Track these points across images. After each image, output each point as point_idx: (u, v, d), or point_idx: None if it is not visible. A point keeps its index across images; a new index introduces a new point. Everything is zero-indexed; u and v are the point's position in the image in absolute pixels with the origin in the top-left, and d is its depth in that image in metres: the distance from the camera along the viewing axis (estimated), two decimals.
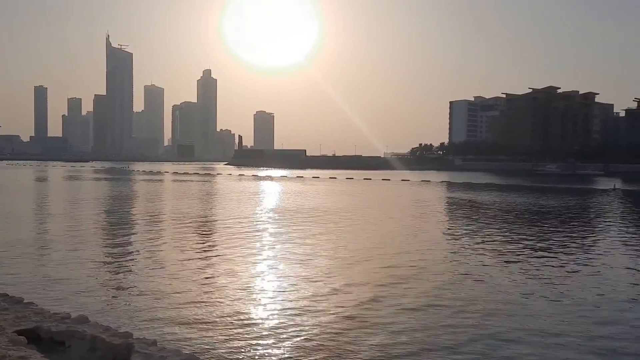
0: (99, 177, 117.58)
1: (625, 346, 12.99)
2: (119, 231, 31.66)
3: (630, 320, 15.04)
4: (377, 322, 14.34)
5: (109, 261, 22.38)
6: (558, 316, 15.17)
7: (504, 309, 15.82)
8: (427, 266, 21.78)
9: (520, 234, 31.78)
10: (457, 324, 14.33)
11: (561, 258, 24.10)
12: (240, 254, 23.89)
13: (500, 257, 24.04)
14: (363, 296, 16.90)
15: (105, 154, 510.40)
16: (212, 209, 45.67)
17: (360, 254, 24.44)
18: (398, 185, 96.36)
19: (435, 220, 40.30)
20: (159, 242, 27.13)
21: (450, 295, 17.23)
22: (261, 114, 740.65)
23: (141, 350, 10.40)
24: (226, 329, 13.72)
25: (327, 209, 45.82)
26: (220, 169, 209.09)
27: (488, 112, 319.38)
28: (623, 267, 22.46)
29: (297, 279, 19.33)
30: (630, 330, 14.19)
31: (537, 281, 19.45)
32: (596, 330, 14.07)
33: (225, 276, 19.54)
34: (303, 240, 28.10)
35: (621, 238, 31.34)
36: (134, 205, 50.47)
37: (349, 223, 36.44)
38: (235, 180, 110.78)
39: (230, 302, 16.17)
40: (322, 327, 13.92)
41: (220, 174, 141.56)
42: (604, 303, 16.67)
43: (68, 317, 12.53)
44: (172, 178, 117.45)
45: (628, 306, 16.45)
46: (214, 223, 36.02)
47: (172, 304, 15.74)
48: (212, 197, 61.64)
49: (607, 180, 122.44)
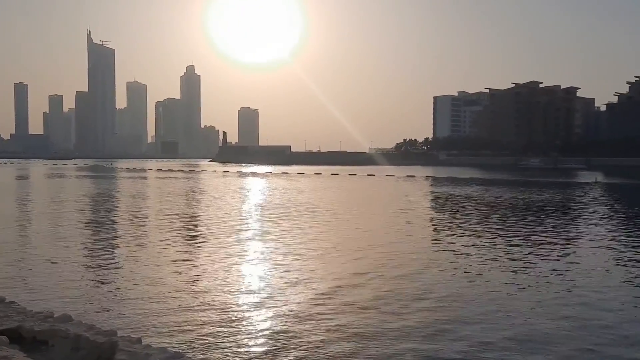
0: (81, 175, 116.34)
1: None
2: (103, 230, 31.37)
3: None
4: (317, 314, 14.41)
5: (92, 260, 22.18)
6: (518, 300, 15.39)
7: (459, 297, 16.05)
8: (396, 258, 21.92)
9: (500, 226, 32.09)
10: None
11: (539, 248, 24.40)
12: (225, 252, 23.81)
13: (474, 248, 24.25)
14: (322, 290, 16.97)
15: (88, 151, 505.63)
16: (196, 207, 45.48)
17: (338, 247, 24.51)
18: (383, 180, 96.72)
19: (417, 214, 40.53)
20: (143, 241, 26.95)
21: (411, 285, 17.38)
22: (245, 110, 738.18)
23: (125, 348, 10.31)
24: (211, 326, 13.68)
25: (312, 205, 45.88)
26: (205, 165, 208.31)
27: (472, 107, 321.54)
28: (600, 256, 22.79)
29: (283, 273, 19.34)
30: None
31: (507, 271, 19.68)
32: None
33: (210, 274, 19.48)
34: (284, 237, 28.10)
35: (602, 229, 31.78)
36: (117, 203, 50.05)
37: (329, 218, 36.51)
38: (219, 177, 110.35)
39: (214, 299, 16.11)
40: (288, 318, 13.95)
41: (205, 171, 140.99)
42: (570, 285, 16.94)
43: (51, 316, 12.38)
44: (156, 175, 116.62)
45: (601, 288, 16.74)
46: (198, 221, 35.87)
47: (156, 302, 15.66)
48: (196, 194, 61.35)
49: (589, 173, 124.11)
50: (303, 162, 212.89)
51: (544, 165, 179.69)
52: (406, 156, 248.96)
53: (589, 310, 15.16)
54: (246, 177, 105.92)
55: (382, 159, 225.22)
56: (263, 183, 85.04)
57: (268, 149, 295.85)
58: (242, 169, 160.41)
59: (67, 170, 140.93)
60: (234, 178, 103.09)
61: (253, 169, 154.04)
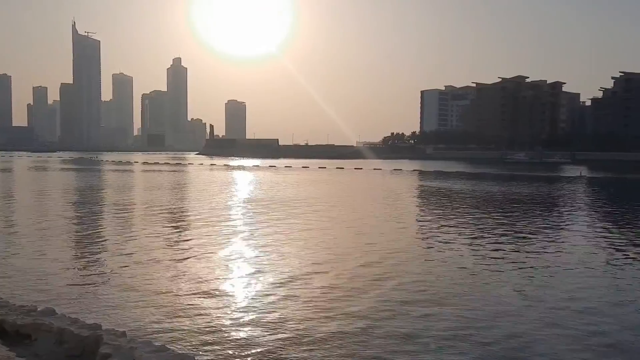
0: (66, 167, 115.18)
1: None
2: (87, 223, 31.12)
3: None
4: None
5: (76, 253, 22.01)
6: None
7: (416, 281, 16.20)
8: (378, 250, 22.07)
9: (484, 218, 32.36)
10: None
11: (522, 239, 24.67)
12: (211, 245, 23.77)
13: (450, 238, 24.46)
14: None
15: (73, 144, 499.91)
16: (182, 200, 45.27)
17: (313, 239, 24.60)
18: (370, 174, 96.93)
19: (403, 207, 40.72)
20: (127, 234, 26.75)
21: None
22: (233, 103, 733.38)
23: (110, 342, 10.25)
24: (196, 319, 13.65)
25: (299, 199, 45.89)
26: (192, 158, 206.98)
27: (459, 101, 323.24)
28: (581, 245, 23.12)
29: (269, 268, 19.36)
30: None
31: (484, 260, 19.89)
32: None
33: (195, 267, 19.42)
34: (268, 232, 28.12)
35: (585, 222, 32.19)
36: (102, 196, 49.62)
37: (314, 210, 36.58)
38: (206, 169, 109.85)
39: (200, 293, 16.08)
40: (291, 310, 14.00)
41: (192, 164, 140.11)
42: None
43: (34, 310, 12.29)
44: (142, 168, 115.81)
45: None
46: (184, 214, 35.75)
47: (141, 295, 15.58)
48: (182, 187, 61.04)
49: (574, 167, 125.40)
50: (291, 156, 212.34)
51: (529, 159, 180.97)
52: (394, 150, 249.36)
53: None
54: (233, 171, 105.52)
55: (370, 152, 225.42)
56: (250, 176, 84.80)
57: (255, 142, 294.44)
58: (230, 162, 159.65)
59: (51, 163, 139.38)
60: (221, 171, 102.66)
61: (240, 162, 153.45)
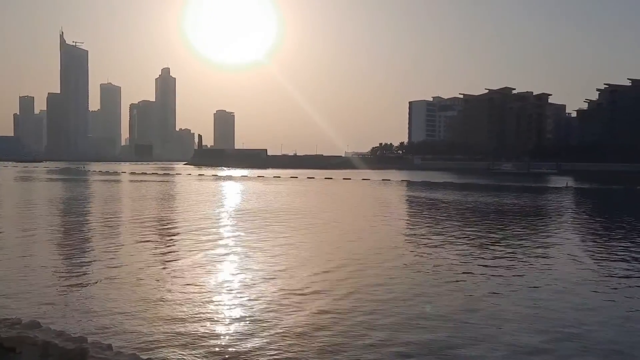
0: (52, 177, 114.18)
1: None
2: (73, 234, 30.84)
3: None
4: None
5: (62, 265, 21.79)
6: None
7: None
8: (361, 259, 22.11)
9: (469, 228, 32.55)
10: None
11: (503, 250, 24.82)
12: (199, 257, 23.63)
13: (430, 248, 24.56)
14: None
15: (60, 154, 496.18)
16: (169, 211, 45.04)
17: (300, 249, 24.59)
18: (359, 184, 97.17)
19: (391, 217, 40.84)
20: (114, 246, 26.49)
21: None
22: (221, 113, 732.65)
23: (96, 355, 10.15)
24: (184, 333, 13.54)
25: (286, 210, 45.87)
26: (180, 168, 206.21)
27: (446, 112, 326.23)
28: (568, 255, 23.31)
29: (258, 282, 19.31)
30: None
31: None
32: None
33: (182, 279, 19.26)
34: (256, 243, 28.07)
35: (573, 232, 32.48)
36: (88, 207, 49.24)
37: (302, 222, 36.59)
38: (194, 180, 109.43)
39: (187, 305, 15.96)
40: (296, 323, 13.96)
41: (180, 174, 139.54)
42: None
43: (18, 323, 12.12)
44: (130, 178, 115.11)
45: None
46: (172, 225, 35.54)
47: (128, 308, 15.43)
48: (170, 198, 60.77)
49: (560, 178, 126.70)
50: (279, 166, 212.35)
51: (516, 170, 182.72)
52: (382, 160, 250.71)
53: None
54: (221, 181, 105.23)
55: (359, 162, 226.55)
56: (238, 187, 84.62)
57: (244, 152, 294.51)
58: (218, 172, 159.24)
59: (37, 173, 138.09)
60: (210, 181, 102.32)
61: (229, 172, 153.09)
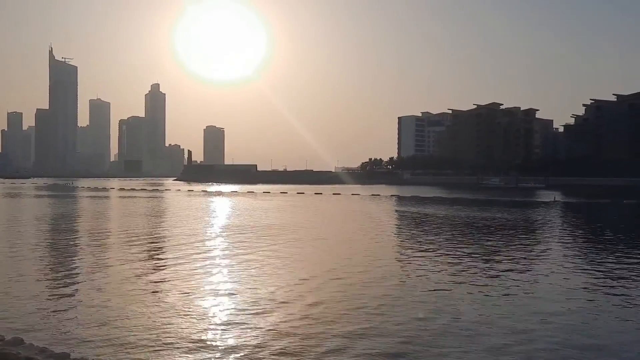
0: (40, 194, 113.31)
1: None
2: (59, 251, 30.59)
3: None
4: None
5: (46, 281, 21.62)
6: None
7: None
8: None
9: (458, 242, 32.70)
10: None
11: (490, 263, 24.98)
12: (187, 274, 23.56)
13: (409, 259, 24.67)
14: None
15: (48, 170, 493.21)
16: (157, 228, 44.86)
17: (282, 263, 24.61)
18: (348, 199, 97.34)
19: (382, 234, 40.96)
20: (99, 263, 26.25)
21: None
22: (211, 128, 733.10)
23: None
24: (169, 349, 13.50)
25: (275, 226, 45.90)
26: (169, 184, 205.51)
27: (435, 127, 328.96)
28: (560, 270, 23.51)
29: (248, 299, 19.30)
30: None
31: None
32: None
33: (169, 296, 19.15)
34: (244, 261, 28.04)
35: (560, 246, 32.74)
36: (76, 223, 48.88)
37: (290, 238, 36.63)
38: (184, 195, 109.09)
39: (174, 322, 15.90)
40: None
41: (169, 190, 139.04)
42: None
43: (2, 339, 12.11)
44: (118, 194, 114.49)
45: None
46: (161, 242, 35.39)
47: (112, 324, 15.34)
48: (159, 214, 60.51)
49: (548, 192, 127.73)
50: (269, 181, 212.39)
51: (505, 185, 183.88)
52: (371, 175, 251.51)
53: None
54: (211, 197, 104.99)
55: (348, 178, 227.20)
56: (228, 203, 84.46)
57: (234, 167, 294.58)
58: (207, 187, 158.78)
59: (25, 190, 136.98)
60: (199, 197, 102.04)
61: (218, 188, 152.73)
